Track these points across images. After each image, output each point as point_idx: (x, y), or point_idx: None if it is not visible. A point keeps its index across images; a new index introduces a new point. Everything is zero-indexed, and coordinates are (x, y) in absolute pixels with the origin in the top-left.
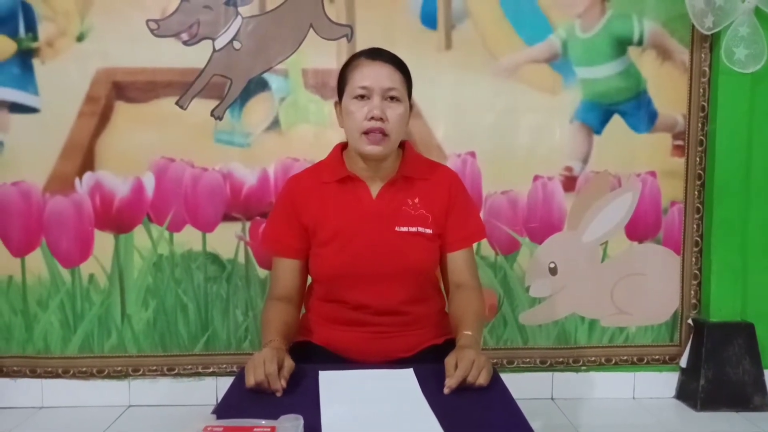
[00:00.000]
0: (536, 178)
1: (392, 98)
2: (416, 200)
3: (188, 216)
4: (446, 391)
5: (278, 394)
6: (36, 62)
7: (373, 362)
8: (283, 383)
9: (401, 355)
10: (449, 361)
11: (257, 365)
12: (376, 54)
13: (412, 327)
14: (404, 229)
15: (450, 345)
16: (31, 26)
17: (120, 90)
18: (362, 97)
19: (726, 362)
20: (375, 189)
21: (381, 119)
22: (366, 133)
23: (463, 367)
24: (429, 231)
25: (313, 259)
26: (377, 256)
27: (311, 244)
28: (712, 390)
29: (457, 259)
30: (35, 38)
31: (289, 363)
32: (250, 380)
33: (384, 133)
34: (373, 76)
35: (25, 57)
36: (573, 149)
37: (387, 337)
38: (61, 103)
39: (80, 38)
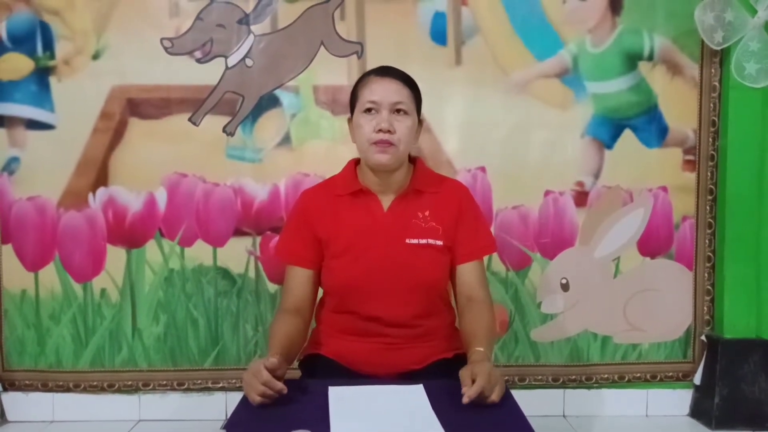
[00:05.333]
0: (547, 193)
1: (400, 111)
2: (426, 213)
3: (199, 231)
4: (465, 400)
5: (284, 392)
6: (53, 80)
7: (383, 374)
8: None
9: (411, 367)
10: (464, 373)
11: (251, 382)
12: (385, 71)
13: (422, 339)
14: (415, 241)
15: (459, 359)
16: (48, 45)
17: (134, 107)
18: (371, 111)
19: (741, 380)
20: (386, 202)
21: (389, 131)
22: (374, 144)
23: (483, 378)
24: (439, 243)
25: (325, 271)
26: (388, 269)
27: (324, 256)
28: (727, 408)
29: (467, 271)
30: (52, 56)
31: (272, 362)
32: (254, 398)
33: (391, 144)
34: (381, 91)
35: (42, 75)
36: (584, 164)
37: (397, 349)
38: (77, 120)
39: (96, 56)
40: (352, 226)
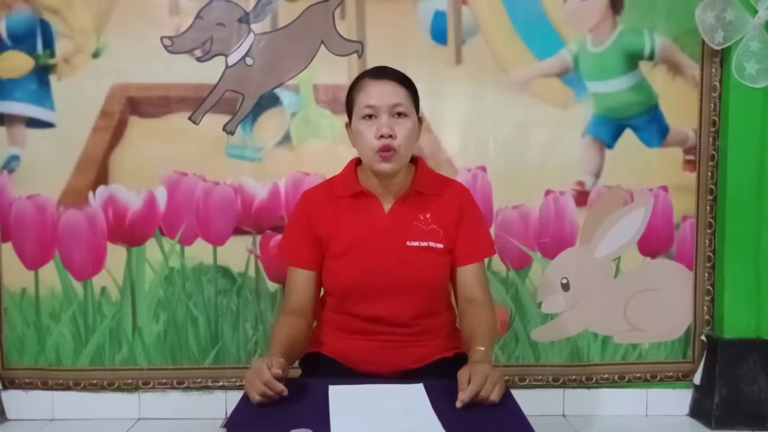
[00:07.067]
0: (548, 192)
1: (399, 114)
2: (428, 215)
3: (199, 229)
4: (459, 404)
5: (285, 394)
6: (53, 78)
7: (383, 373)
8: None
9: (411, 366)
10: (462, 374)
11: (252, 381)
12: (380, 72)
13: (422, 338)
14: (415, 243)
15: (460, 359)
16: (48, 43)
17: (134, 105)
18: (370, 116)
19: (740, 379)
20: (387, 204)
21: (390, 136)
22: (378, 152)
23: (477, 381)
24: (440, 246)
25: (326, 272)
26: (389, 271)
27: (325, 257)
28: (727, 408)
29: (467, 273)
30: (52, 55)
31: (278, 362)
32: (255, 396)
33: (394, 150)
34: (378, 94)
35: (42, 73)
36: (585, 163)
37: (397, 347)
38: (77, 118)
39: (96, 55)
40: (353, 227)
